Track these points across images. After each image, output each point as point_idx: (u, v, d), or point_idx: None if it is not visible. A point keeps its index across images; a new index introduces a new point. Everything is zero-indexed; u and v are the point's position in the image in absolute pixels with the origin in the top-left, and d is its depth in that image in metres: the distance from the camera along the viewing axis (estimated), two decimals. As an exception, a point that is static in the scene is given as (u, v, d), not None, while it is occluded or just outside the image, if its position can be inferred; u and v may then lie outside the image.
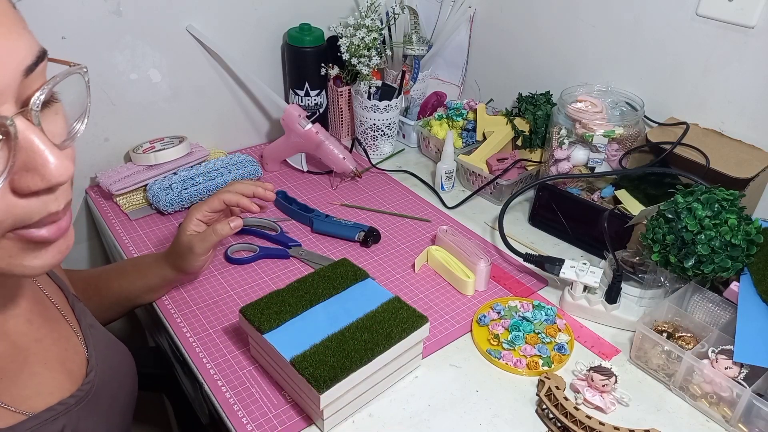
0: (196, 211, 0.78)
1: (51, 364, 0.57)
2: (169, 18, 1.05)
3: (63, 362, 0.58)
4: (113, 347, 0.68)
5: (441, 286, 0.89)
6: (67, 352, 0.60)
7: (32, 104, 0.39)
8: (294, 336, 0.67)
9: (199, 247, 0.77)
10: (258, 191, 0.80)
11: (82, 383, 0.58)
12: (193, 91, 1.14)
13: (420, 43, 1.23)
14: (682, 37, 0.95)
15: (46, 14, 0.92)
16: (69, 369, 0.59)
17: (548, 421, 0.67)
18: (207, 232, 0.77)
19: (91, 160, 1.08)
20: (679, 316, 0.77)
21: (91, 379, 0.59)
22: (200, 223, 0.78)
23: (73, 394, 0.57)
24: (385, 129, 1.21)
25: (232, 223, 0.77)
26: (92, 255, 1.19)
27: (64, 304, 0.64)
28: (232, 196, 0.78)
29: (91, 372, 0.60)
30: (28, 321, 0.57)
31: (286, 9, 1.18)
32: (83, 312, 0.65)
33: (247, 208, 0.79)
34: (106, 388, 0.62)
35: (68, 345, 0.61)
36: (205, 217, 0.78)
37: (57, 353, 0.58)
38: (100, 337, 0.66)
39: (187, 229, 0.78)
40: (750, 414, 0.65)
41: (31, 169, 0.39)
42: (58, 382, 0.56)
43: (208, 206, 0.78)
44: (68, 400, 0.56)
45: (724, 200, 0.73)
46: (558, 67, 1.15)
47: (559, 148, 1.02)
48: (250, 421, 0.67)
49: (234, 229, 0.77)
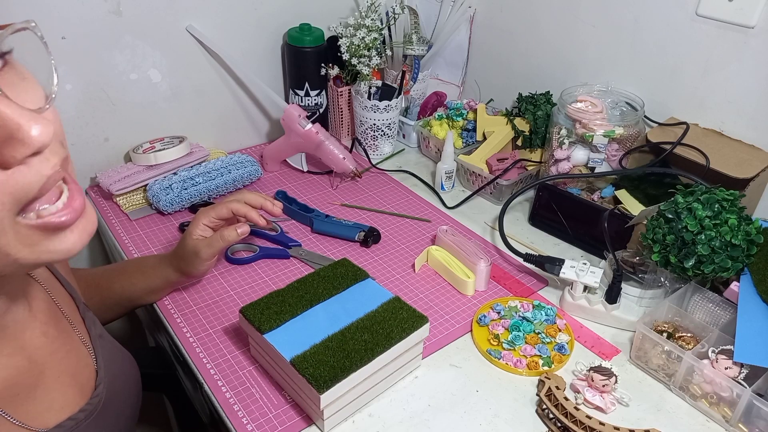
0: (203, 216, 0.78)
1: (63, 378, 0.56)
2: (169, 18, 1.05)
3: (74, 375, 0.58)
4: (120, 356, 0.68)
5: (441, 286, 0.89)
6: (79, 365, 0.59)
7: None
8: (294, 336, 0.67)
9: (205, 252, 0.76)
10: (266, 205, 0.80)
11: (91, 396, 0.58)
12: (193, 91, 1.14)
13: (420, 43, 1.23)
14: (682, 37, 0.95)
15: (46, 14, 0.92)
16: (79, 382, 0.58)
17: (548, 421, 0.67)
18: (214, 237, 0.77)
19: (91, 160, 1.08)
20: (679, 316, 0.77)
21: (99, 392, 0.59)
22: (207, 228, 0.78)
23: (83, 408, 0.56)
24: (385, 129, 1.21)
25: (239, 229, 0.77)
26: (92, 255, 1.19)
27: (74, 315, 0.63)
28: (241, 207, 0.78)
29: (100, 384, 0.60)
30: (44, 334, 0.57)
31: (286, 9, 1.18)
32: (93, 322, 0.65)
33: (255, 221, 0.79)
34: (113, 398, 0.61)
35: (79, 357, 0.60)
36: (212, 222, 0.78)
37: (69, 366, 0.58)
38: (108, 348, 0.65)
39: (194, 234, 0.77)
40: (750, 414, 0.64)
41: (8, 139, 0.38)
42: (68, 397, 0.56)
43: (216, 213, 0.78)
44: (78, 415, 0.55)
45: (724, 200, 0.73)
46: (558, 67, 1.15)
47: (559, 148, 1.02)
48: (250, 421, 0.67)
49: (241, 236, 0.77)
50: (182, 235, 0.79)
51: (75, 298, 0.65)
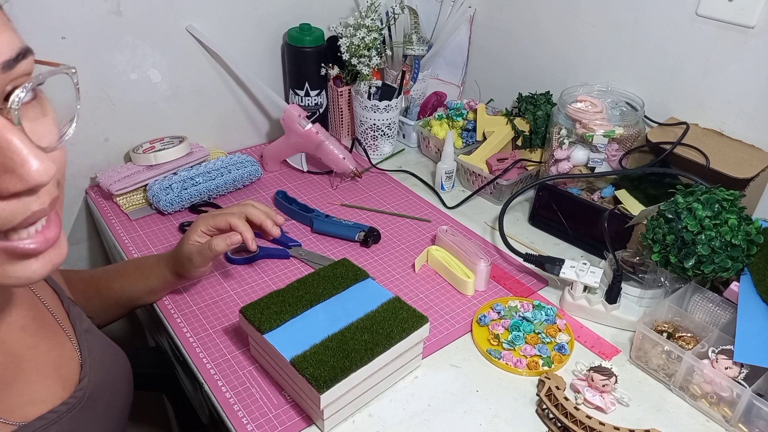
0: (202, 222, 0.78)
1: (45, 371, 0.56)
2: (169, 18, 1.05)
3: (57, 369, 0.58)
4: (109, 351, 0.68)
5: (441, 286, 0.89)
6: (62, 358, 0.59)
7: (11, 102, 0.38)
8: (294, 336, 0.67)
9: (196, 259, 0.77)
10: (266, 224, 0.79)
11: (75, 390, 0.58)
12: (193, 91, 1.14)
13: (420, 43, 1.23)
14: (682, 37, 0.95)
15: (46, 14, 0.92)
16: (63, 376, 0.58)
17: (548, 421, 0.67)
18: (204, 246, 0.76)
19: (91, 160, 1.08)
20: (679, 316, 0.77)
21: (84, 386, 0.59)
22: (204, 235, 0.78)
23: (65, 401, 0.56)
24: (385, 129, 1.21)
25: (229, 239, 0.76)
26: (92, 255, 1.19)
27: (59, 309, 0.63)
28: (240, 224, 0.77)
29: (85, 378, 0.59)
30: (22, 328, 0.56)
31: (286, 9, 1.18)
32: (79, 316, 0.65)
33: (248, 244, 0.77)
34: (101, 393, 0.61)
35: (63, 351, 0.60)
36: (210, 231, 0.78)
37: (51, 360, 0.58)
38: (96, 342, 0.65)
39: (190, 239, 0.77)
40: (750, 414, 0.64)
41: (8, 170, 0.37)
42: (51, 390, 0.56)
43: (215, 223, 0.77)
44: (60, 407, 0.55)
45: (724, 200, 0.73)
46: (558, 67, 1.15)
47: (559, 148, 1.02)
48: (250, 421, 0.67)
49: (230, 246, 0.76)
50: (181, 237, 0.79)
51: (59, 293, 0.65)
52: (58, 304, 0.64)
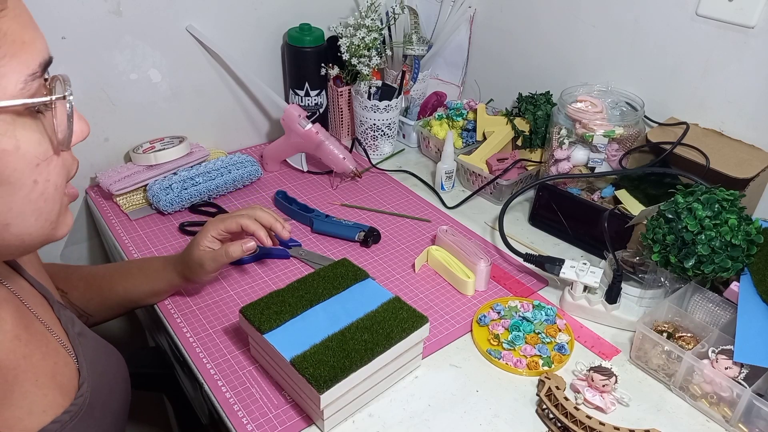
0: (212, 227, 0.77)
1: (42, 381, 0.55)
2: (169, 18, 1.05)
3: (54, 377, 0.57)
4: (104, 353, 0.67)
5: (441, 286, 0.89)
6: (57, 366, 0.58)
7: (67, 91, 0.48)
8: (294, 336, 0.67)
9: (209, 265, 0.76)
10: (276, 226, 0.79)
11: (75, 397, 0.57)
12: (193, 91, 1.14)
13: (420, 43, 1.23)
14: (682, 37, 0.95)
15: (46, 14, 0.92)
16: (60, 383, 0.57)
17: (548, 421, 0.67)
18: (219, 252, 0.76)
19: (91, 160, 1.08)
20: (679, 316, 0.77)
21: (83, 392, 0.58)
22: (215, 240, 0.77)
23: (67, 409, 0.55)
24: (385, 129, 1.21)
25: (245, 245, 0.76)
26: (92, 255, 1.19)
27: (49, 315, 0.62)
28: (251, 224, 0.77)
29: (83, 384, 0.59)
30: (16, 337, 0.56)
31: (286, 9, 1.18)
32: (71, 320, 0.64)
33: (262, 241, 0.77)
34: (98, 396, 0.61)
35: (57, 358, 0.59)
36: (220, 235, 0.77)
37: (47, 368, 0.57)
38: (90, 345, 0.64)
39: (201, 245, 0.76)
40: (750, 414, 0.64)
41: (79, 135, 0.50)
42: (50, 399, 0.55)
43: (225, 227, 0.77)
44: (62, 416, 0.55)
45: (724, 200, 0.73)
46: (558, 67, 1.15)
47: (559, 148, 1.02)
48: (250, 421, 0.67)
49: (246, 252, 0.76)
50: (190, 242, 0.79)
51: (48, 298, 0.64)
52: (48, 310, 0.63)
